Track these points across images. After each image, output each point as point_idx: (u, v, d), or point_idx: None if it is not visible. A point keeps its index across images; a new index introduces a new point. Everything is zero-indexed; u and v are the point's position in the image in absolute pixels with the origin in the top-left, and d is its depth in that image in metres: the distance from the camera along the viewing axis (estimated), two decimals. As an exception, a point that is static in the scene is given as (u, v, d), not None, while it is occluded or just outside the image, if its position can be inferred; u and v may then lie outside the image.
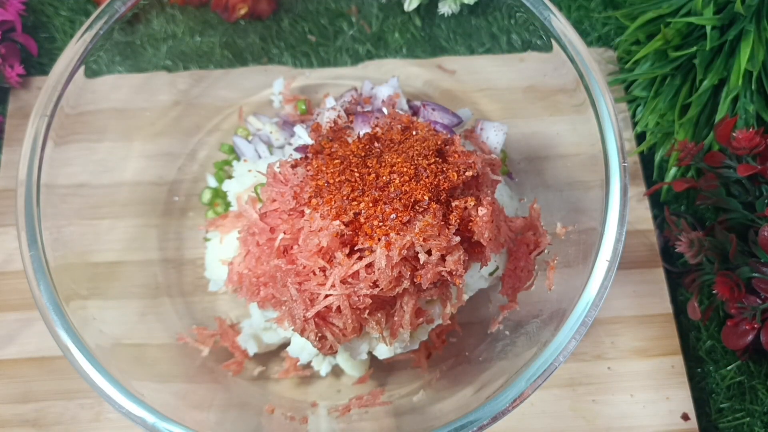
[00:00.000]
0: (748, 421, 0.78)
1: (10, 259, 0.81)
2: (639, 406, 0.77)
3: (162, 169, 0.86)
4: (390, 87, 0.79)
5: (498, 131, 0.76)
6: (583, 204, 0.70)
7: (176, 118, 0.88)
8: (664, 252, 0.84)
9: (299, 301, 0.55)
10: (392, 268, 0.54)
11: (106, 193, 0.80)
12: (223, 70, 0.91)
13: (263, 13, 0.93)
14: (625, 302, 0.82)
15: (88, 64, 0.71)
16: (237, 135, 0.85)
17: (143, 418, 0.57)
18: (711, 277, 0.76)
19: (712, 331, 0.81)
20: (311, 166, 0.60)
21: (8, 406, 0.75)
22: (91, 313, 0.66)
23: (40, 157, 0.66)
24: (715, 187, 0.79)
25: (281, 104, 0.90)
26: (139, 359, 0.71)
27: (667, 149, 0.86)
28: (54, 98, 0.68)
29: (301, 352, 0.71)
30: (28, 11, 0.94)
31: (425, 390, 0.75)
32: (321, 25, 0.94)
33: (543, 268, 0.69)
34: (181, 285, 0.81)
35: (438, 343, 0.77)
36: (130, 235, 0.81)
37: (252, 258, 0.62)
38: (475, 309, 0.77)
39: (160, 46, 0.86)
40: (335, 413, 0.74)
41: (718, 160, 0.78)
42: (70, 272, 0.66)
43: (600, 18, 0.96)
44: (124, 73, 0.81)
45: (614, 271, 0.61)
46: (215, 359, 0.76)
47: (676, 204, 0.87)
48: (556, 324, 0.61)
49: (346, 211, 0.55)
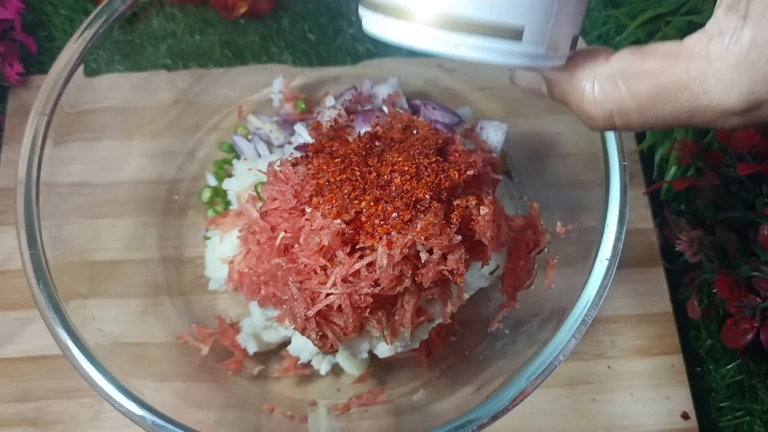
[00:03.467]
0: (747, 420, 0.78)
1: (9, 257, 0.81)
2: (639, 404, 0.77)
3: (162, 168, 0.86)
4: (390, 86, 0.79)
5: (498, 130, 0.76)
6: (583, 203, 0.70)
7: (176, 116, 0.88)
8: (664, 251, 0.84)
9: (300, 299, 0.55)
10: (394, 267, 0.54)
11: (106, 192, 0.80)
12: (223, 68, 0.91)
13: (263, 12, 0.93)
14: (624, 301, 0.82)
15: (88, 63, 0.71)
16: (237, 134, 0.85)
17: (143, 416, 0.57)
18: (711, 276, 0.76)
19: (712, 329, 0.81)
20: (312, 165, 0.60)
21: (8, 405, 0.75)
22: (90, 312, 0.66)
23: (40, 156, 0.65)
24: (715, 186, 0.79)
25: (281, 103, 0.90)
26: (138, 358, 0.71)
27: (667, 148, 0.86)
28: (53, 97, 0.68)
29: (301, 350, 0.71)
30: (27, 10, 0.94)
31: (425, 389, 0.75)
32: (321, 23, 0.94)
33: (543, 267, 0.69)
34: (181, 284, 0.81)
35: (438, 342, 0.77)
36: (130, 233, 0.81)
37: (252, 257, 0.62)
38: (475, 308, 0.77)
39: (160, 45, 0.86)
40: (335, 412, 0.74)
41: (719, 159, 0.78)
42: (69, 271, 0.66)
43: (600, 17, 0.96)
44: (124, 71, 0.81)
45: (614, 269, 0.61)
46: (215, 358, 0.76)
47: (676, 203, 0.87)
48: (556, 323, 0.61)
49: (347, 209, 0.55)
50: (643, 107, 0.40)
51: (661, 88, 0.39)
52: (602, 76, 0.42)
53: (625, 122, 0.42)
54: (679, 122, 0.40)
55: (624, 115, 0.41)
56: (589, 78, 0.42)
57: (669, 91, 0.39)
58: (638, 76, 0.40)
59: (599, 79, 0.42)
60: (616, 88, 0.41)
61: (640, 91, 0.40)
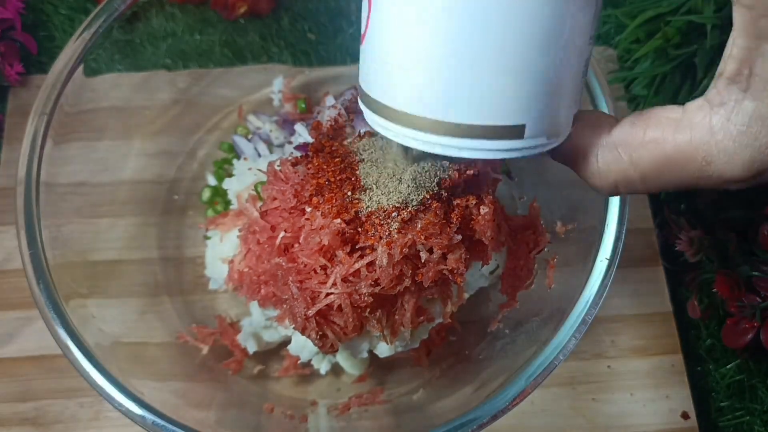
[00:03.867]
0: (747, 419, 0.78)
1: (9, 257, 0.81)
2: (639, 404, 0.77)
3: (162, 168, 0.86)
4: (390, 85, 0.79)
5: (498, 130, 0.76)
6: (583, 203, 0.70)
7: (176, 116, 0.88)
8: (664, 250, 0.84)
9: (300, 299, 0.55)
10: (394, 266, 0.54)
11: (106, 192, 0.80)
12: (223, 68, 0.91)
13: (263, 12, 0.93)
14: (624, 301, 0.82)
15: (88, 63, 0.71)
16: (236, 133, 0.85)
17: (143, 416, 0.57)
18: (711, 276, 0.76)
19: (712, 329, 0.81)
20: (312, 165, 0.60)
21: (7, 405, 0.75)
22: (90, 312, 0.66)
23: (40, 156, 0.65)
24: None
25: (281, 103, 0.90)
26: (138, 358, 0.70)
27: (666, 148, 0.86)
28: (53, 97, 0.68)
29: (301, 350, 0.71)
30: (27, 10, 0.94)
31: (425, 388, 0.75)
32: (321, 23, 0.94)
33: (543, 266, 0.69)
34: (180, 283, 0.81)
35: (438, 341, 0.77)
36: (130, 233, 0.81)
37: (252, 256, 0.62)
38: (475, 307, 0.77)
39: (160, 45, 0.86)
40: (335, 412, 0.74)
41: (718, 158, 0.78)
42: (69, 271, 0.66)
43: (600, 16, 0.96)
44: (124, 71, 0.81)
45: (614, 269, 0.61)
46: (215, 358, 0.76)
47: (676, 202, 0.87)
48: (556, 322, 0.61)
49: (347, 209, 0.55)
50: (647, 177, 0.41)
51: (665, 159, 0.40)
52: (606, 148, 0.42)
53: (630, 191, 0.43)
54: (683, 187, 0.41)
55: (629, 184, 0.42)
56: (593, 151, 0.43)
57: (672, 162, 0.40)
58: (641, 147, 0.40)
59: (602, 152, 0.42)
60: (620, 160, 0.41)
61: (644, 161, 0.40)
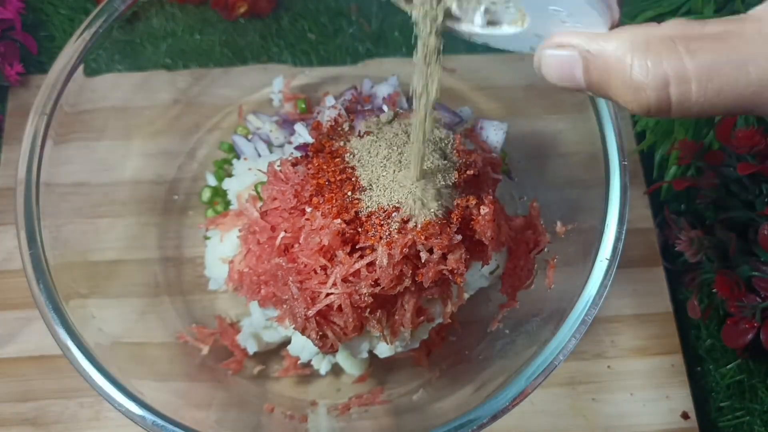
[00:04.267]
0: (747, 419, 0.78)
1: (9, 257, 0.81)
2: (639, 404, 0.77)
3: (161, 168, 0.86)
4: (390, 85, 0.79)
5: (498, 130, 0.76)
6: (583, 203, 0.70)
7: (176, 116, 0.88)
8: (664, 250, 0.84)
9: (300, 299, 0.55)
10: (394, 267, 0.54)
11: (106, 192, 0.80)
12: (223, 68, 0.91)
13: (263, 11, 0.93)
14: (624, 301, 0.82)
15: (88, 63, 0.71)
16: (236, 133, 0.85)
17: (143, 416, 0.57)
18: (711, 276, 0.76)
19: (712, 329, 0.81)
20: (312, 165, 0.60)
21: (7, 405, 0.75)
22: (90, 312, 0.66)
23: (40, 156, 0.65)
24: (715, 186, 0.79)
25: (281, 103, 0.90)
26: (138, 358, 0.71)
27: (667, 148, 0.86)
28: (53, 97, 0.68)
29: (301, 350, 0.71)
30: (27, 10, 0.94)
31: (425, 389, 0.75)
32: (321, 23, 0.94)
33: (543, 266, 0.69)
34: (180, 283, 0.81)
35: (438, 342, 0.77)
36: (130, 233, 0.81)
37: (252, 256, 0.62)
38: (475, 307, 0.77)
39: (160, 45, 0.86)
40: (335, 412, 0.74)
41: (718, 158, 0.78)
42: (69, 271, 0.66)
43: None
44: (124, 71, 0.81)
45: (614, 269, 0.61)
46: (215, 358, 0.76)
47: (676, 202, 0.87)
48: (556, 322, 0.61)
49: (347, 209, 0.55)
50: (705, 75, 0.33)
51: (728, 53, 0.33)
52: (657, 39, 0.35)
53: (682, 94, 0.34)
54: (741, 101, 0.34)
55: (682, 83, 0.34)
56: (640, 43, 0.35)
57: (737, 57, 0.33)
58: (699, 39, 0.34)
59: (654, 43, 0.35)
60: (674, 51, 0.34)
61: (703, 54, 0.34)
